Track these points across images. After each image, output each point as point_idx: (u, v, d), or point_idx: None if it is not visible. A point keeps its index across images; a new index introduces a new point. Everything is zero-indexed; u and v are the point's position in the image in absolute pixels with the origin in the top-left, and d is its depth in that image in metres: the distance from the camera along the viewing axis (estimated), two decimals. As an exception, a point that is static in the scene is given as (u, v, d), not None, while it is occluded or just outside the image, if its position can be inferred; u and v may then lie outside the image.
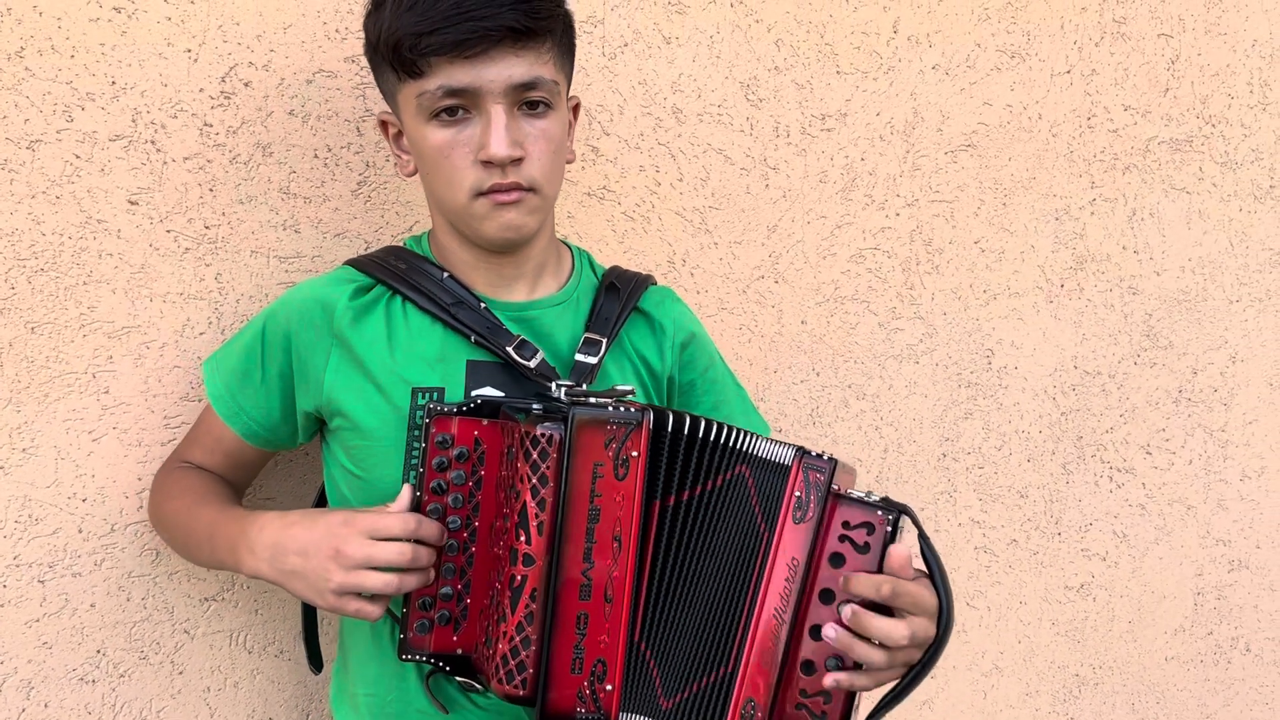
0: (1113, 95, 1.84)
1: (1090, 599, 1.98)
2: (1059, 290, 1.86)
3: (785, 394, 1.71)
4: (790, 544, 1.07)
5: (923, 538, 1.08)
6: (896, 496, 1.80)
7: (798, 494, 1.07)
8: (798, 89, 1.63)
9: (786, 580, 1.06)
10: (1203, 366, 1.99)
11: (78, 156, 1.26)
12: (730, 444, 1.08)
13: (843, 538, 1.06)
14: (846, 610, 1.02)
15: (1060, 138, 1.82)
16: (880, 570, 1.04)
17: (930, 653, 1.03)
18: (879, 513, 1.05)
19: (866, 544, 1.05)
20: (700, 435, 1.07)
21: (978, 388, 1.83)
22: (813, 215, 1.67)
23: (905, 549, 1.03)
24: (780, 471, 1.08)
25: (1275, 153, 1.98)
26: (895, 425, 1.79)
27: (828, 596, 1.06)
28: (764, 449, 1.09)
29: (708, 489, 1.08)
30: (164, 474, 1.30)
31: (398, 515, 1.04)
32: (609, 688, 1.05)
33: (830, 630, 1.03)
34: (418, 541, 1.04)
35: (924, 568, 1.07)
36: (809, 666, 1.06)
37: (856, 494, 1.07)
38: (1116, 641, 2.01)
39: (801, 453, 1.08)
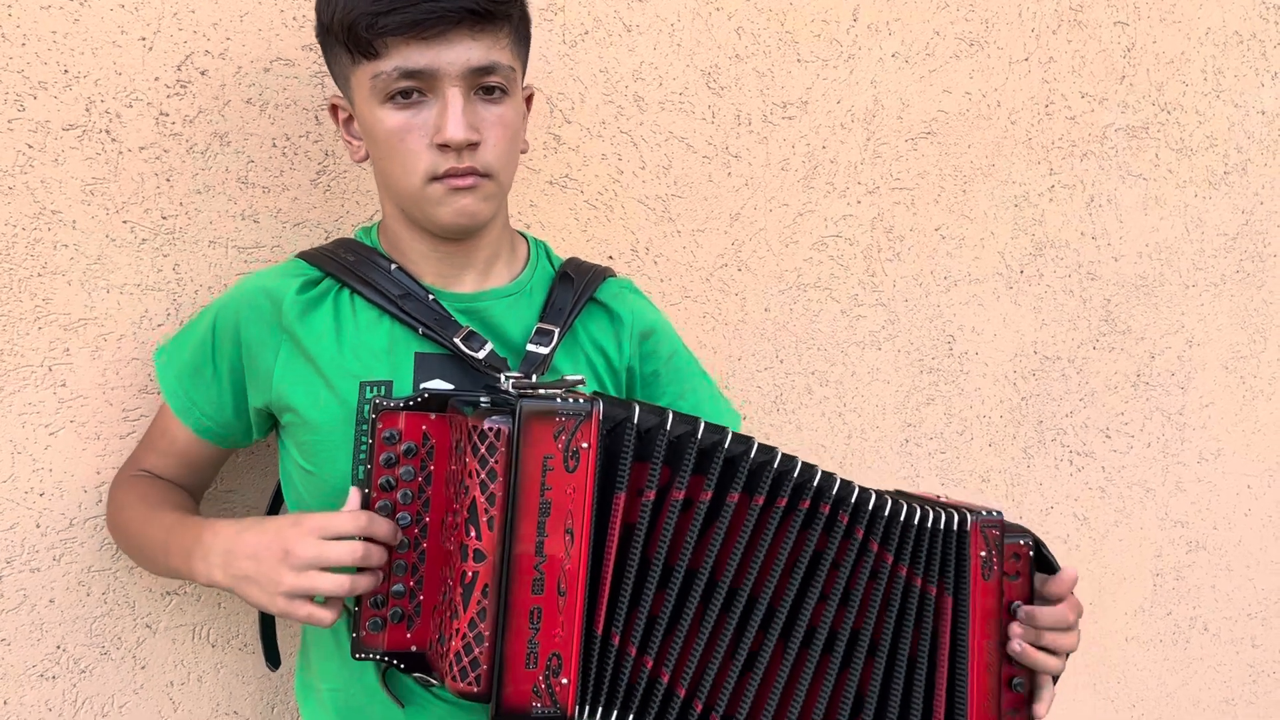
0: (1070, 83, 1.86)
1: (1052, 581, 2.00)
2: (1019, 276, 1.88)
3: (749, 381, 1.72)
4: (985, 601, 1.12)
5: (1043, 549, 1.16)
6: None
7: (982, 553, 1.11)
8: (759, 77, 1.64)
9: (986, 639, 1.12)
10: (1160, 351, 2.02)
11: (30, 146, 1.24)
12: (786, 471, 1.10)
13: (1004, 574, 1.12)
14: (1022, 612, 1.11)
15: (1019, 125, 1.84)
16: (1033, 591, 1.13)
17: None
18: (1021, 541, 1.12)
19: (1018, 572, 1.11)
20: (697, 436, 1.06)
21: (939, 373, 1.85)
22: (775, 203, 1.68)
23: (1073, 570, 1.13)
24: (955, 537, 1.13)
25: (1229, 139, 2.01)
26: (858, 411, 1.80)
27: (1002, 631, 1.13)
28: (901, 512, 1.13)
29: (731, 501, 1.08)
30: (118, 484, 1.28)
31: (349, 513, 1.03)
32: (564, 681, 1.04)
33: (1016, 646, 1.11)
34: (370, 540, 1.03)
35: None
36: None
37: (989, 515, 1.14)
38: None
39: (974, 514, 1.13)
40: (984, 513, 1.12)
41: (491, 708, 1.02)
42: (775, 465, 1.08)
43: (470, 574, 1.01)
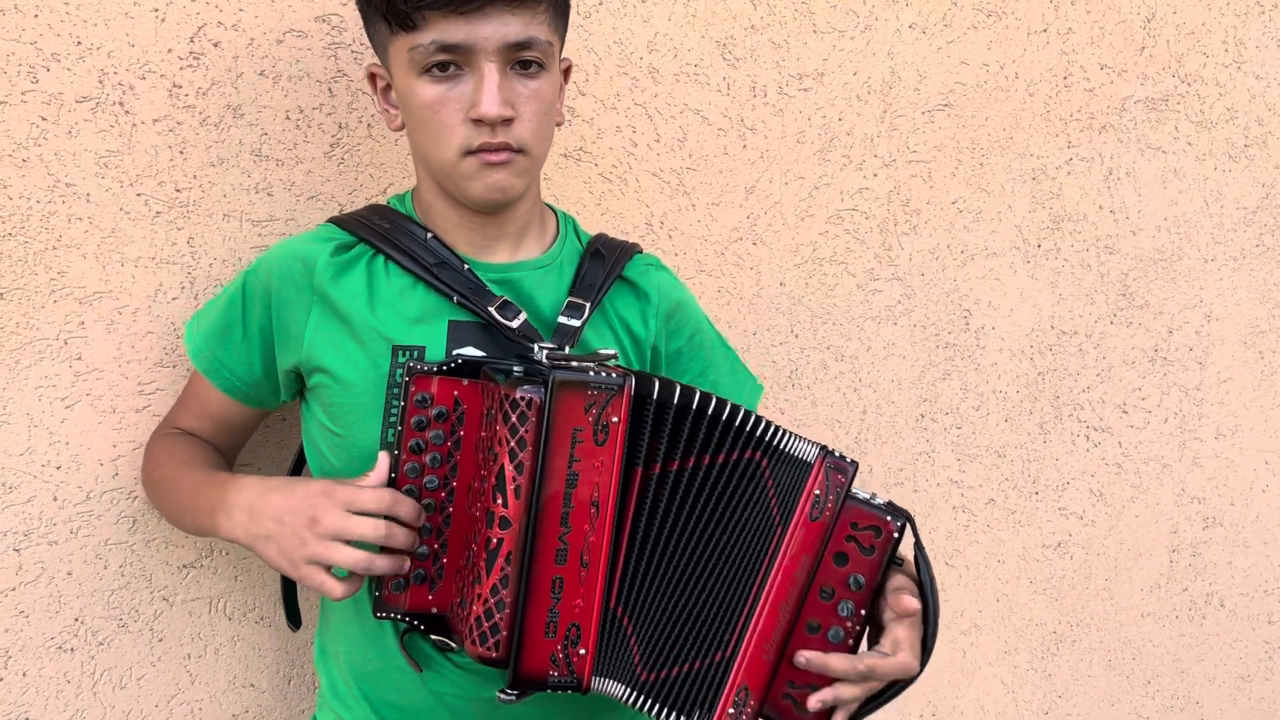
0: (1089, 54, 1.84)
1: (1067, 557, 1.99)
2: (1036, 250, 1.86)
3: (764, 356, 1.71)
4: (804, 540, 1.09)
5: (919, 548, 1.11)
6: (875, 457, 1.81)
7: (816, 492, 1.09)
8: (774, 48, 1.62)
9: (796, 574, 1.09)
10: (1178, 326, 2.00)
11: (44, 119, 1.24)
12: (733, 422, 1.08)
13: (850, 538, 1.09)
14: (800, 657, 1.07)
15: (1037, 97, 1.82)
16: (883, 583, 1.08)
17: (908, 681, 1.09)
18: (888, 518, 1.08)
19: (872, 546, 1.08)
20: (692, 405, 1.06)
21: (955, 348, 1.83)
22: (790, 176, 1.67)
23: (916, 603, 1.06)
24: (801, 467, 1.10)
25: (1249, 111, 1.98)
26: (874, 386, 1.79)
27: (828, 594, 1.09)
28: (787, 442, 1.10)
29: (705, 464, 1.07)
30: (153, 441, 1.29)
31: (374, 490, 1.03)
32: (582, 652, 1.04)
33: (802, 658, 1.07)
34: (393, 519, 1.03)
35: (914, 574, 1.11)
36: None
37: (863, 494, 1.10)
38: (1093, 599, 2.03)
39: (825, 452, 1.10)
40: (839, 456, 1.10)
41: (509, 674, 1.03)
42: (736, 424, 1.08)
43: (495, 540, 1.02)
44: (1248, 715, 2.21)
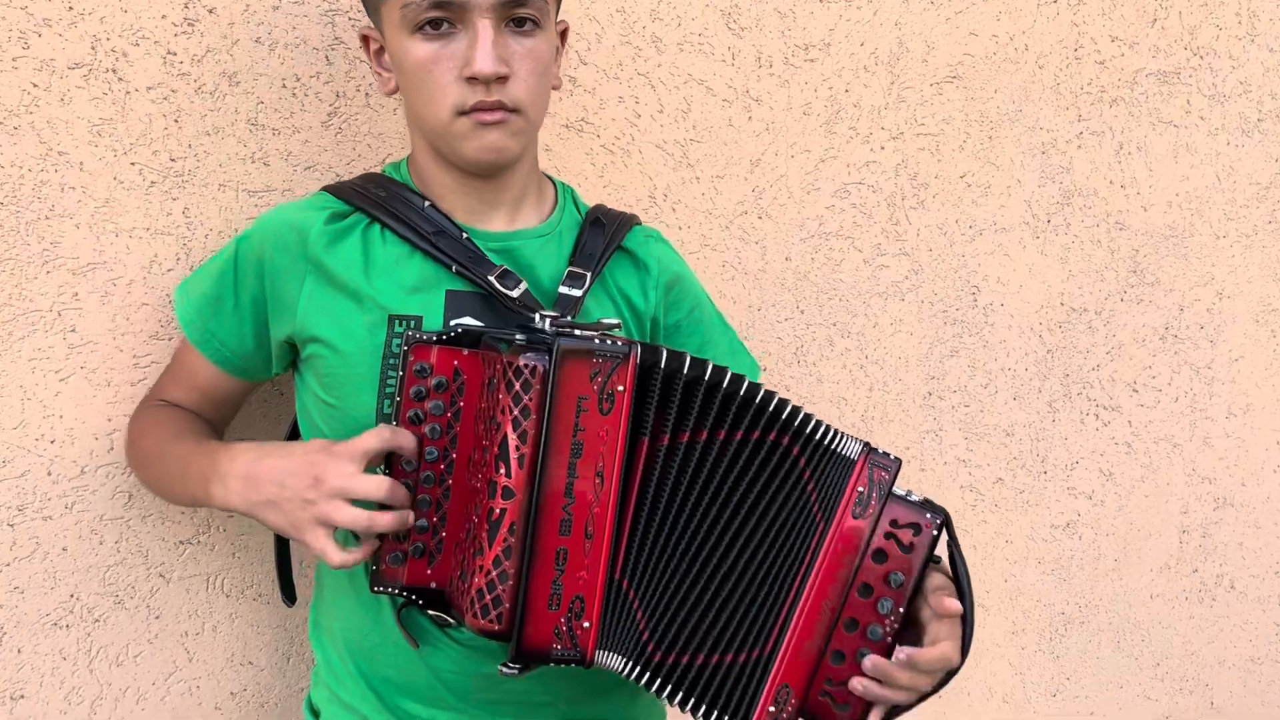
0: (1100, 25, 1.81)
1: (1076, 537, 1.97)
2: (1045, 226, 1.84)
3: (769, 332, 1.69)
4: (847, 538, 1.07)
5: (955, 544, 1.10)
6: (881, 435, 1.79)
7: (860, 489, 1.08)
8: (780, 18, 1.59)
9: (839, 573, 1.07)
10: (1189, 303, 1.97)
11: (35, 85, 1.22)
12: (751, 399, 1.05)
13: (889, 535, 1.07)
14: (868, 662, 1.04)
15: (1047, 69, 1.79)
16: (921, 581, 1.06)
17: (952, 673, 1.07)
18: (927, 515, 1.07)
19: (911, 544, 1.07)
20: (703, 378, 1.04)
21: (963, 325, 1.81)
22: (796, 149, 1.64)
23: (958, 605, 1.05)
24: (844, 464, 1.08)
25: (1263, 85, 1.95)
26: (880, 364, 1.77)
27: (866, 591, 1.07)
28: (830, 438, 1.08)
29: (720, 439, 1.05)
30: (139, 412, 1.27)
31: (373, 431, 1.02)
32: (586, 625, 1.03)
33: (869, 663, 1.05)
34: (394, 451, 1.02)
35: (950, 572, 1.10)
36: (839, 656, 1.07)
37: (899, 490, 1.08)
38: (1102, 579, 2.01)
39: (868, 449, 1.09)
40: (882, 454, 1.09)
41: (511, 647, 1.01)
42: (756, 401, 1.06)
43: (498, 511, 1.00)
44: (1258, 698, 2.19)
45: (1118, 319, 1.92)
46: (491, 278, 1.12)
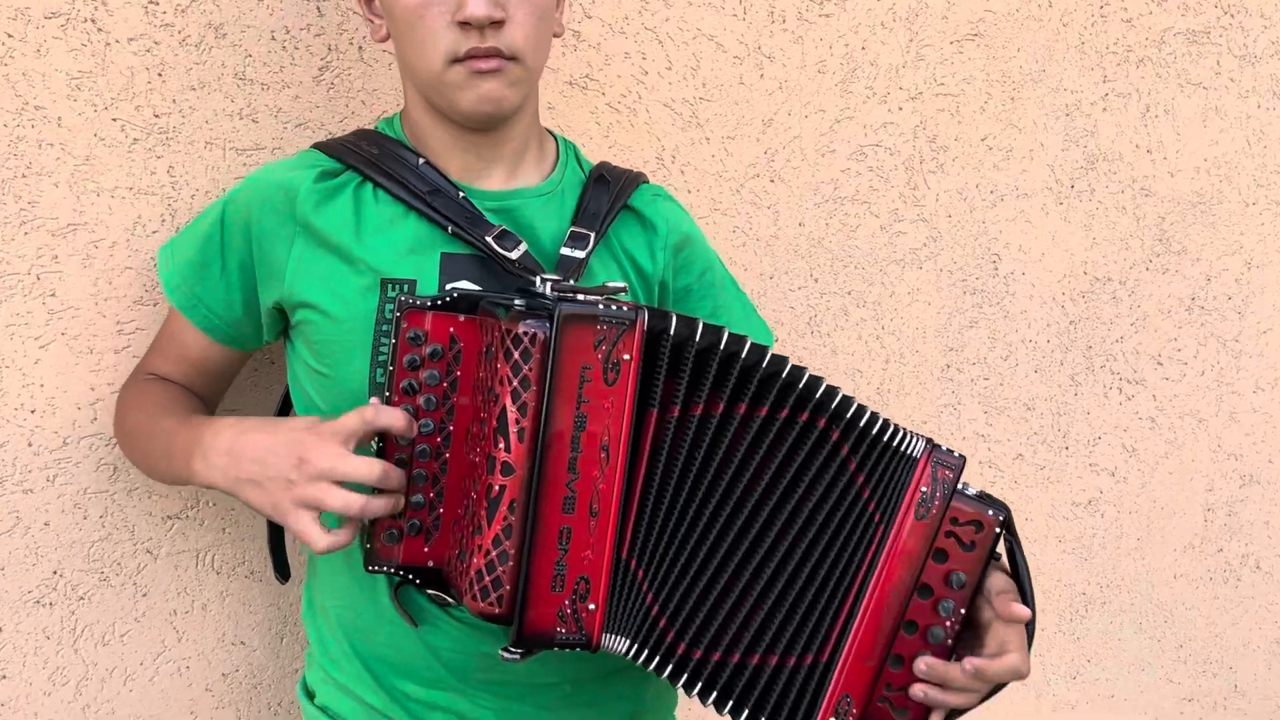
0: (1127, -18, 1.74)
1: (1098, 515, 1.91)
2: (1069, 191, 1.77)
3: (782, 301, 1.62)
4: (910, 539, 1.02)
5: (1015, 542, 1.03)
6: (898, 409, 1.73)
7: (924, 489, 1.02)
8: (794, -29, 1.52)
9: (901, 577, 1.01)
10: (1217, 273, 1.90)
11: (10, 35, 1.16)
12: (777, 372, 0.98)
13: (949, 533, 1.02)
14: (924, 667, 1.01)
15: (1071, 28, 1.71)
16: (983, 581, 1.02)
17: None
18: (989, 512, 1.01)
19: (973, 542, 1.01)
20: (718, 346, 0.97)
21: (983, 294, 1.74)
22: (811, 109, 1.57)
23: (1026, 610, 1.00)
24: (906, 463, 1.02)
25: (1296, 46, 1.88)
26: (897, 334, 1.71)
27: (927, 592, 1.02)
28: (884, 429, 1.02)
29: (739, 413, 0.98)
30: (127, 387, 1.21)
31: (357, 410, 0.95)
32: (592, 607, 0.96)
33: (922, 665, 1.01)
34: (383, 432, 0.96)
35: (1010, 571, 1.05)
36: (898, 661, 1.02)
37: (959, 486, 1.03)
38: (1124, 559, 1.95)
39: (931, 446, 1.03)
40: (946, 451, 1.03)
41: (513, 631, 0.95)
42: (784, 377, 0.99)
43: (497, 488, 0.94)
44: (1283, 680, 2.13)
45: (1143, 289, 1.85)
46: (489, 239, 1.06)
